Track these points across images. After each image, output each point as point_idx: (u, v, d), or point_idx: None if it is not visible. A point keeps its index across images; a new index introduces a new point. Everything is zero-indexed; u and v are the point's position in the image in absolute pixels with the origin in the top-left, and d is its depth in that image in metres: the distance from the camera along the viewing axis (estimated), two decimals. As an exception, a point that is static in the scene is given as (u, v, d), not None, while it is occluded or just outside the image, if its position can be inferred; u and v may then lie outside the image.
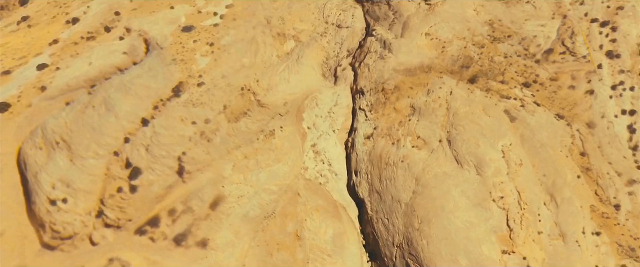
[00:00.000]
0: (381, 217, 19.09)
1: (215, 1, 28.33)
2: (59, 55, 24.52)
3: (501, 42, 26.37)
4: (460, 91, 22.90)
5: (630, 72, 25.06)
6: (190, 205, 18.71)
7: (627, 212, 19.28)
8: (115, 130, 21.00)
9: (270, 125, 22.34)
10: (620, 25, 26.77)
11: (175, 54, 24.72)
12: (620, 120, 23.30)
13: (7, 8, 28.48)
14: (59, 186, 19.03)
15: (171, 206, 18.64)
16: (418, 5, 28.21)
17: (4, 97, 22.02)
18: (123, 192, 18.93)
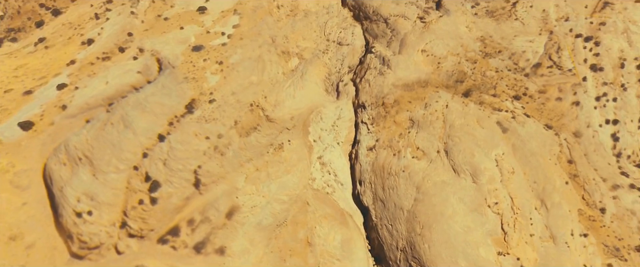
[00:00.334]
0: (385, 224, 20.54)
1: (223, 21, 29.88)
2: (77, 75, 25.91)
3: (492, 57, 28.13)
4: (455, 104, 24.52)
5: (612, 84, 26.83)
6: (207, 215, 20.06)
7: (612, 215, 20.85)
8: (133, 146, 22.37)
9: (279, 139, 23.80)
10: (603, 40, 28.62)
11: (186, 73, 26.18)
12: (604, 129, 24.99)
13: (23, 30, 29.77)
14: (83, 199, 20.32)
15: (190, 216, 19.98)
16: (414, 23, 29.97)
17: (28, 116, 23.32)
18: (144, 204, 20.26)
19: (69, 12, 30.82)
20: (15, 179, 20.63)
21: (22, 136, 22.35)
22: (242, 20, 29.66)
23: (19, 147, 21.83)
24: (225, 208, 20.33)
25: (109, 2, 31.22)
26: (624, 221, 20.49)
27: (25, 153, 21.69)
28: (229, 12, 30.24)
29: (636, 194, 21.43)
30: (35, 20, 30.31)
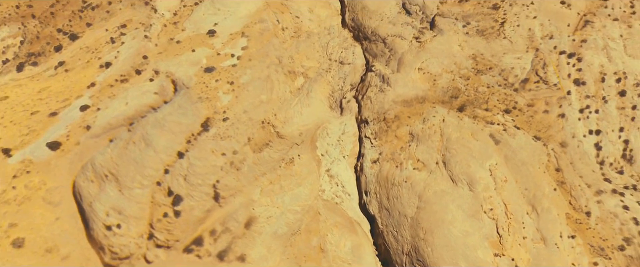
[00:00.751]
0: (391, 230, 22.34)
1: (232, 44, 31.81)
2: (98, 97, 27.63)
3: (484, 74, 30.33)
4: (451, 119, 26.58)
5: (594, 97, 29.07)
6: (227, 226, 21.73)
7: (596, 217, 22.83)
8: (155, 163, 24.06)
9: (290, 153, 25.63)
10: (584, 56, 30.93)
11: (200, 93, 28.00)
12: (588, 139, 27.10)
13: (43, 54, 31.46)
14: (112, 213, 21.92)
15: (212, 227, 21.64)
16: (410, 43, 32.19)
17: (55, 137, 24.95)
18: (169, 217, 21.89)
19: (86, 37, 32.59)
20: (47, 196, 22.21)
21: (51, 156, 23.96)
22: (250, 42, 31.61)
23: (48, 166, 23.43)
24: (243, 219, 22.04)
25: (123, 27, 33.06)
26: (607, 223, 22.48)
27: (54, 171, 23.29)
28: (237, 35, 32.19)
29: (618, 198, 23.45)
30: (53, 44, 32.02)
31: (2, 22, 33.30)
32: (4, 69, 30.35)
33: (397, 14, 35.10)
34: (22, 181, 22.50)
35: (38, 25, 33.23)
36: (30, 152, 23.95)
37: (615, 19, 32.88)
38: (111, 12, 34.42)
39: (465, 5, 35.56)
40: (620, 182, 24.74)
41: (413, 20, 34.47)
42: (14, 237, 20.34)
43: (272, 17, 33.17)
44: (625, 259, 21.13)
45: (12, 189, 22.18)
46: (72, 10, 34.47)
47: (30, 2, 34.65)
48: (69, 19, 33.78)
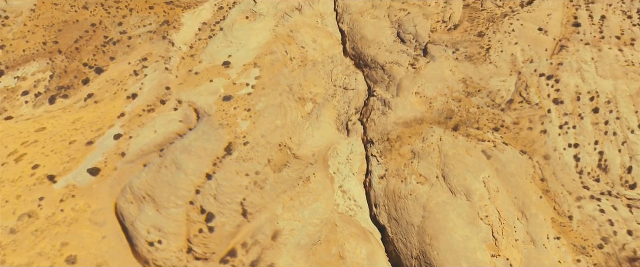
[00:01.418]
0: (400, 238, 25.28)
1: (246, 74, 34.95)
2: (128, 126, 30.37)
3: (474, 96, 33.88)
4: (447, 137, 29.91)
5: (571, 114, 32.71)
6: (256, 238, 24.45)
7: (577, 221, 26.09)
8: (186, 185, 26.78)
9: (306, 172, 28.58)
10: (561, 77, 34.70)
11: (221, 120, 30.94)
12: (567, 152, 30.57)
13: (72, 87, 34.15)
14: (152, 231, 24.49)
15: (243, 240, 24.32)
16: (407, 69, 35.72)
17: (94, 163, 27.54)
18: (204, 233, 24.54)
19: (110, 70, 35.46)
20: (92, 217, 24.72)
21: (92, 181, 26.54)
22: (262, 72, 34.80)
23: (91, 190, 25.99)
24: (270, 232, 24.79)
25: (144, 60, 36.05)
26: (587, 225, 25.76)
27: (97, 195, 25.85)
28: (250, 65, 35.38)
29: (596, 203, 26.78)
30: (81, 78, 34.78)
31: (31, 57, 36.01)
32: (37, 102, 32.95)
33: (393, 42, 38.74)
34: (69, 205, 25.01)
35: (65, 60, 36.00)
36: (73, 178, 26.51)
37: (586, 43, 36.87)
38: (132, 46, 37.43)
39: (454, 33, 39.41)
40: (597, 189, 28.10)
41: (408, 48, 38.12)
42: (67, 255, 22.76)
43: (281, 48, 36.50)
44: (603, 256, 24.36)
45: (60, 212, 24.67)
46: (95, 45, 37.38)
47: (55, 38, 37.48)
48: (93, 54, 36.65)
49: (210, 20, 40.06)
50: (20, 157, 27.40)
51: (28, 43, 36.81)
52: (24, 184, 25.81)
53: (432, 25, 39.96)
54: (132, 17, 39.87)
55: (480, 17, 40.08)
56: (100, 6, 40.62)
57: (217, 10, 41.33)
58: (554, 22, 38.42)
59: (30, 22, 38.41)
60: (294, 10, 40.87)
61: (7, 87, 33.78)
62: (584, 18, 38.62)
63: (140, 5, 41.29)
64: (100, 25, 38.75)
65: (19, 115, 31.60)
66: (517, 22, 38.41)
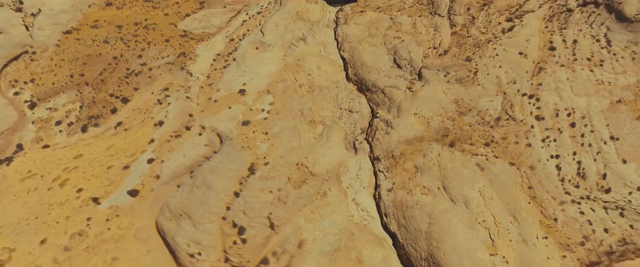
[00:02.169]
0: (410, 243, 28.75)
1: (260, 100, 38.49)
2: (159, 151, 33.46)
3: (466, 115, 37.95)
4: (445, 153, 33.77)
5: (552, 129, 36.88)
6: (285, 247, 27.63)
7: (562, 222, 29.93)
8: (217, 202, 29.90)
9: (322, 188, 31.98)
10: (541, 96, 39.03)
11: (242, 143, 34.27)
12: (550, 162, 34.57)
13: (102, 116, 37.14)
14: (191, 244, 27.47)
15: (273, 249, 27.46)
16: (405, 92, 39.76)
17: (132, 186, 30.48)
18: (237, 244, 27.61)
19: (135, 100, 38.62)
20: (137, 234, 27.63)
21: (133, 201, 29.49)
22: (275, 98, 38.39)
23: (133, 210, 28.93)
24: (296, 241, 28.02)
25: (166, 90, 39.36)
26: (570, 226, 29.63)
27: (138, 214, 28.80)
28: (264, 93, 38.96)
29: (576, 207, 30.72)
30: (109, 108, 37.85)
31: (60, 89, 39.01)
32: (70, 131, 35.86)
33: (390, 68, 42.89)
34: (115, 223, 27.91)
35: (92, 91, 39.07)
36: (115, 200, 29.43)
37: (562, 65, 41.43)
38: (153, 77, 40.77)
39: (444, 58, 43.78)
40: (577, 194, 32.04)
41: (404, 73, 42.27)
42: (118, 268, 25.62)
43: (291, 76, 40.26)
44: (585, 251, 28.18)
45: (107, 230, 27.56)
46: (118, 77, 40.61)
47: (81, 71, 40.62)
48: (118, 85, 39.83)
49: (223, 52, 43.71)
50: (64, 182, 30.26)
51: (56, 76, 39.85)
52: (71, 207, 28.65)
53: (425, 52, 44.29)
54: (151, 50, 43.31)
55: (467, 43, 44.61)
56: (120, 40, 44.01)
57: (229, 41, 45.06)
58: (532, 46, 43.03)
59: (57, 57, 41.53)
60: (299, 41, 44.86)
61: (41, 118, 36.65)
62: (558, 42, 43.35)
63: (157, 38, 44.82)
64: (122, 58, 42.06)
65: (55, 144, 34.44)
66: (500, 47, 42.93)
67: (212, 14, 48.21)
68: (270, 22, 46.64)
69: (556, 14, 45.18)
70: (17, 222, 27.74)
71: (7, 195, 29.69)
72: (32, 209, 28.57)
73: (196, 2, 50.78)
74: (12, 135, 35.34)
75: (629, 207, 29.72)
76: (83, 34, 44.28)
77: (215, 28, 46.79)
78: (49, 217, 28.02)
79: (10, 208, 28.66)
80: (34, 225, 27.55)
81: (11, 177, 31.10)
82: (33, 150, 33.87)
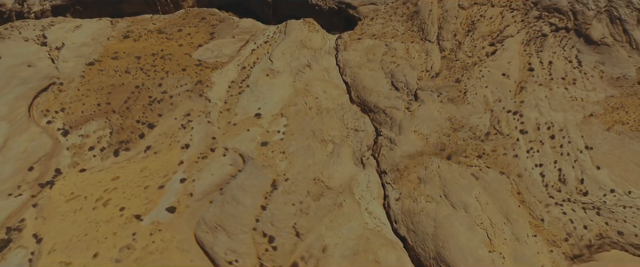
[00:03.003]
0: (419, 245, 32.81)
1: (275, 123, 42.44)
2: (189, 171, 36.99)
3: (459, 131, 42.66)
4: (443, 165, 38.25)
5: (535, 141, 41.72)
6: (311, 252, 31.36)
7: (548, 222, 34.44)
8: (247, 215, 33.53)
9: (338, 199, 35.94)
10: (524, 112, 44.02)
11: (263, 162, 38.11)
12: (535, 170, 39.24)
13: (131, 141, 40.52)
14: (229, 253, 30.95)
15: (301, 254, 31.15)
16: (404, 112, 44.38)
17: (170, 203, 33.81)
18: (269, 251, 31.23)
19: (161, 125, 42.18)
20: (179, 245, 31.01)
21: (172, 217, 32.91)
22: (289, 120, 42.47)
23: (173, 224, 32.33)
24: (320, 247, 31.80)
25: (188, 115, 43.08)
26: (555, 225, 34.14)
27: (178, 228, 32.20)
28: (278, 116, 43.01)
29: (560, 208, 35.28)
30: (137, 133, 41.31)
31: (89, 117, 42.38)
32: (103, 155, 39.18)
33: (389, 90, 47.60)
34: (158, 237, 31.28)
35: (119, 118, 42.54)
36: (155, 216, 32.82)
37: (540, 84, 46.69)
38: (174, 103, 44.50)
39: (436, 80, 48.73)
40: (560, 197, 36.69)
41: (401, 94, 47.00)
42: (166, 276, 28.90)
43: (301, 100, 44.51)
44: (569, 246, 32.69)
45: (152, 243, 30.89)
46: (142, 104, 44.22)
47: (107, 100, 44.12)
48: (143, 112, 43.41)
49: (237, 79, 47.80)
50: (107, 202, 33.54)
51: (84, 105, 43.25)
52: (116, 223, 31.93)
53: (418, 74, 49.21)
54: (169, 79, 47.14)
55: (456, 66, 49.74)
56: (140, 70, 47.75)
57: (241, 69, 49.21)
58: (513, 68, 48.32)
59: (83, 87, 44.99)
60: (305, 67, 49.32)
61: (74, 144, 39.91)
62: (536, 64, 48.77)
63: (174, 67, 48.71)
64: (144, 87, 45.75)
65: (91, 168, 37.71)
66: (485, 69, 48.12)
67: (223, 44, 52.45)
68: (277, 51, 51.07)
69: (533, 38, 50.80)
70: (69, 239, 30.86)
71: (55, 215, 32.79)
72: (81, 226, 31.73)
73: (206, 33, 54.99)
74: (49, 161, 38.47)
75: (604, 207, 34.52)
76: (105, 65, 47.89)
77: (227, 57, 50.95)
78: (98, 233, 31.22)
79: (61, 227, 31.78)
80: (85, 241, 30.71)
81: (56, 199, 34.22)
82: (71, 174, 37.06)
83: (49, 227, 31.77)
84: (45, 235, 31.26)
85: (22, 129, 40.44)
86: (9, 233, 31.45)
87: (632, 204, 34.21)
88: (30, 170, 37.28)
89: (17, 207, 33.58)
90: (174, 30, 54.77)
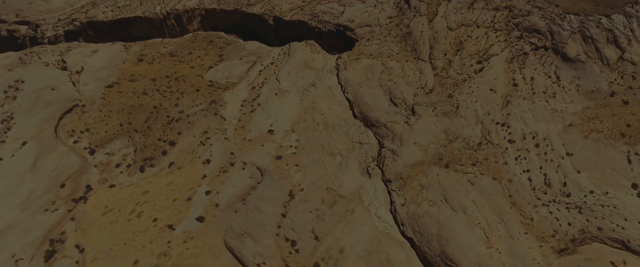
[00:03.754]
0: (425, 244, 36.68)
1: (287, 138, 46.14)
2: (213, 184, 40.35)
3: (454, 142, 47.11)
4: (442, 173, 42.47)
5: (522, 149, 46.36)
6: (330, 254, 34.92)
7: (536, 221, 38.73)
8: (270, 223, 36.96)
9: (350, 206, 39.70)
10: (511, 124, 48.86)
11: (279, 174, 41.74)
12: (523, 175, 43.75)
13: (155, 158, 43.68)
14: (256, 256, 34.26)
15: (321, 256, 34.67)
16: (403, 126, 48.67)
17: (198, 213, 37.02)
18: (293, 254, 34.68)
19: (181, 142, 45.50)
20: (211, 251, 34.23)
21: (201, 226, 36.16)
22: (299, 136, 46.28)
23: (203, 233, 35.57)
24: (337, 249, 35.42)
25: (205, 133, 46.54)
26: (543, 223, 38.43)
27: (208, 235, 35.45)
28: (289, 132, 46.77)
29: (546, 209, 39.65)
30: (160, 150, 44.55)
31: (113, 136, 45.50)
32: (130, 171, 42.28)
33: (389, 106, 51.95)
34: (191, 244, 34.49)
35: (142, 137, 45.75)
36: (186, 225, 36.03)
37: (524, 98, 51.68)
38: (192, 122, 47.94)
39: (431, 96, 53.33)
40: (546, 199, 41.16)
41: (400, 110, 51.37)
42: (201, 278, 32.10)
43: (310, 117, 48.46)
44: (556, 241, 36.99)
45: (186, 250, 34.06)
46: (161, 123, 47.54)
47: (128, 120, 47.33)
48: (163, 130, 46.71)
49: (248, 98, 51.55)
50: (140, 214, 36.65)
51: (107, 125, 46.38)
52: (151, 233, 35.06)
53: (414, 91, 53.75)
54: (185, 99, 50.64)
55: (447, 83, 54.49)
56: (157, 92, 51.16)
57: (251, 89, 53.02)
58: (499, 83, 53.30)
59: (104, 108, 48.15)
60: (310, 86, 53.42)
61: (101, 162, 42.93)
62: (519, 79, 53.85)
63: (188, 88, 52.25)
64: (161, 107, 49.13)
65: (120, 183, 40.76)
66: (474, 85, 52.97)
67: (232, 66, 56.30)
68: (284, 71, 55.12)
69: (515, 56, 56.04)
70: (110, 248, 33.83)
71: (93, 227, 35.73)
72: (119, 237, 34.74)
73: (215, 56, 58.80)
74: (79, 177, 41.40)
75: (585, 206, 39.07)
76: (123, 87, 51.16)
77: (237, 78, 54.74)
78: (136, 242, 34.26)
79: (100, 237, 34.74)
80: (125, 249, 33.72)
81: (92, 213, 37.16)
82: (102, 189, 40.05)
83: (89, 238, 34.69)
84: (87, 245, 34.16)
85: (50, 148, 43.34)
86: (53, 244, 34.26)
87: (609, 203, 38.86)
88: (62, 187, 40.15)
89: (55, 221, 36.39)
90: (184, 53, 58.42)
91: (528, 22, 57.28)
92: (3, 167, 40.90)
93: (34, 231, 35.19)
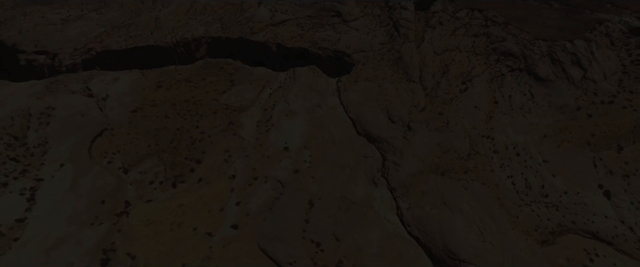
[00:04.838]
0: (429, 241, 42.63)
1: (301, 154, 51.79)
2: (241, 196, 45.42)
3: (447, 153, 53.74)
4: (439, 180, 48.88)
5: (505, 158, 53.51)
6: (350, 252, 40.44)
7: (521, 218, 45.38)
8: (295, 228, 42.29)
9: (362, 211, 45.47)
10: (495, 136, 56.00)
11: (298, 185, 47.25)
12: (508, 180, 50.71)
13: (184, 175, 48.38)
14: (287, 257, 39.45)
15: (343, 254, 40.13)
16: (402, 140, 55.15)
17: (233, 222, 42.01)
18: (319, 253, 40.01)
19: (206, 160, 50.46)
20: (247, 254, 39.24)
21: (236, 232, 41.15)
22: (312, 151, 52.05)
23: (238, 238, 40.55)
24: (356, 247, 40.95)
25: (227, 151, 51.72)
26: (526, 220, 45.13)
27: (243, 240, 40.44)
28: (303, 148, 52.44)
29: (529, 207, 46.48)
30: (188, 168, 49.40)
31: (143, 157, 50.13)
32: (163, 187, 46.97)
33: (388, 123, 58.42)
34: (230, 248, 39.42)
35: (170, 156, 50.55)
36: (223, 232, 40.98)
37: (504, 113, 59.12)
38: (213, 142, 53.08)
39: (424, 114, 60.16)
40: (528, 199, 48.00)
41: (398, 126, 57.90)
42: (243, 276, 37.05)
43: (319, 135, 54.37)
44: (538, 234, 43.65)
45: (226, 253, 39.00)
46: (186, 143, 52.49)
47: (155, 141, 52.11)
48: (188, 150, 51.65)
49: (262, 119, 57.12)
50: (180, 224, 41.44)
51: (137, 147, 51.02)
52: (193, 240, 39.85)
53: (409, 109, 60.52)
54: (204, 121, 55.82)
55: (437, 102, 61.51)
56: (178, 115, 56.19)
57: (263, 111, 58.65)
58: (483, 101, 60.63)
59: (132, 131, 52.81)
60: (316, 107, 59.51)
61: (135, 180, 47.49)
62: (499, 97, 61.35)
63: (206, 111, 57.48)
64: (184, 129, 54.15)
65: (156, 198, 45.41)
66: (461, 103, 60.14)
67: (244, 90, 61.92)
68: (291, 94, 61.10)
69: (495, 77, 63.72)
70: (158, 255, 38.43)
71: (139, 237, 40.25)
72: (165, 245, 39.38)
73: (227, 81, 64.34)
74: (117, 194, 45.80)
75: (560, 204, 46.03)
76: (147, 112, 55.98)
77: (249, 101, 60.34)
78: (180, 248, 38.98)
79: (148, 246, 39.29)
80: (171, 255, 38.38)
81: (135, 225, 41.66)
82: (140, 204, 44.57)
83: (138, 247, 39.20)
84: (137, 253, 38.66)
85: (86, 169, 47.66)
86: (106, 253, 38.61)
87: (580, 201, 45.97)
88: (103, 203, 44.47)
89: (103, 233, 40.71)
90: (198, 79, 63.73)
91: (504, 47, 65.32)
92: (46, 187, 44.98)
93: (86, 243, 39.42)
